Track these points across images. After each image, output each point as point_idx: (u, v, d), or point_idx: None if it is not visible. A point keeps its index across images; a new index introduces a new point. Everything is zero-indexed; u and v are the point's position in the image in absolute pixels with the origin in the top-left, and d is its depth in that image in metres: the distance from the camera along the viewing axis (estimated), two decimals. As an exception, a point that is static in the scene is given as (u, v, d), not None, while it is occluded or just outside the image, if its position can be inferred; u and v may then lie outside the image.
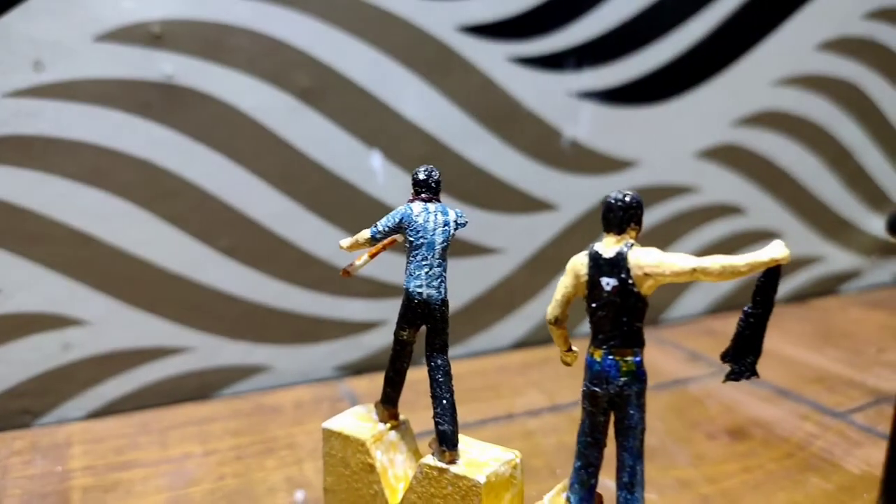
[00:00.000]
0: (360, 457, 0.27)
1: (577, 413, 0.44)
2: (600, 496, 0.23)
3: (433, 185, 0.26)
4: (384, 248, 0.28)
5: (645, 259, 0.20)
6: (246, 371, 0.47)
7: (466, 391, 0.47)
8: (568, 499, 0.23)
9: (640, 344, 0.21)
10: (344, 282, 0.48)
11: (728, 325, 0.59)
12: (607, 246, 0.21)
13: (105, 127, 0.42)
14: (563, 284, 0.22)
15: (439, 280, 0.25)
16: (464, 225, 0.26)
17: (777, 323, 0.60)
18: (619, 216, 0.21)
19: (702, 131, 0.59)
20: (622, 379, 0.21)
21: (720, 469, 0.37)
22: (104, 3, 0.41)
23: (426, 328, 0.26)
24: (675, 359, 0.52)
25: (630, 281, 0.21)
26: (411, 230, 0.25)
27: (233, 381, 0.47)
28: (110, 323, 0.44)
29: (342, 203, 0.48)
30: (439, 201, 0.26)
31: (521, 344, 0.54)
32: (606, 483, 0.24)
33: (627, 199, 0.21)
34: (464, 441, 0.27)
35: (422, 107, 0.49)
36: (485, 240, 0.53)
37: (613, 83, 0.55)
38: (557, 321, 0.23)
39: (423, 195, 0.26)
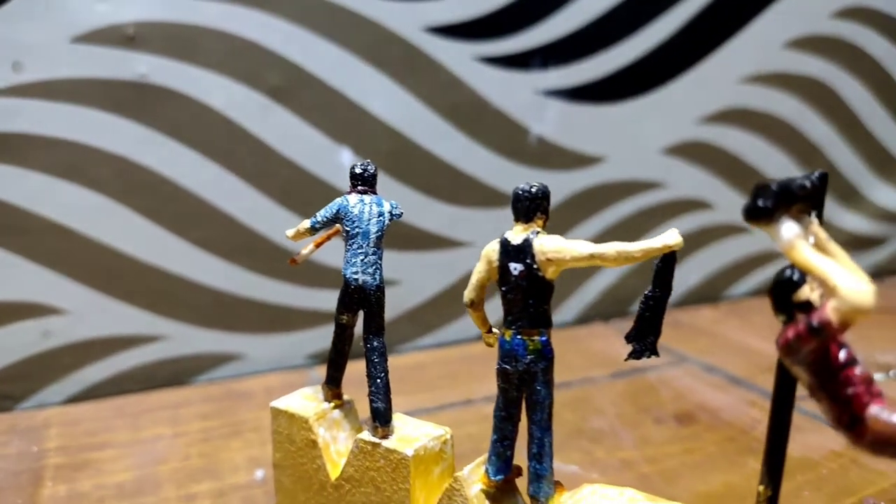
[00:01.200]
0: (303, 433, 0.29)
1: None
2: (518, 468, 0.25)
3: (369, 178, 0.28)
4: (328, 238, 0.30)
5: (548, 245, 0.22)
6: (219, 359, 0.49)
7: (429, 379, 0.48)
8: (486, 470, 0.25)
9: (546, 324, 0.23)
10: (315, 273, 0.50)
11: (694, 318, 0.61)
12: (516, 234, 0.23)
13: (82, 124, 0.44)
14: (477, 270, 0.24)
15: (374, 267, 0.27)
16: (399, 216, 0.28)
17: (743, 315, 0.62)
18: (526, 206, 0.23)
19: (668, 128, 0.60)
20: (529, 357, 0.23)
21: (662, 451, 0.38)
22: (80, 6, 0.43)
23: (363, 312, 0.28)
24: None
25: (535, 266, 0.22)
26: (347, 220, 0.27)
27: (206, 369, 0.48)
28: (88, 312, 0.46)
29: (312, 197, 0.49)
30: (375, 193, 0.28)
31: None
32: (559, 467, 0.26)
33: (534, 190, 0.23)
34: (400, 419, 0.29)
35: (389, 104, 0.51)
36: (453, 234, 0.54)
37: (580, 81, 0.56)
38: (473, 304, 0.24)
39: (359, 188, 0.28)
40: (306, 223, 0.28)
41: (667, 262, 0.23)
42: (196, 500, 0.34)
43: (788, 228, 0.17)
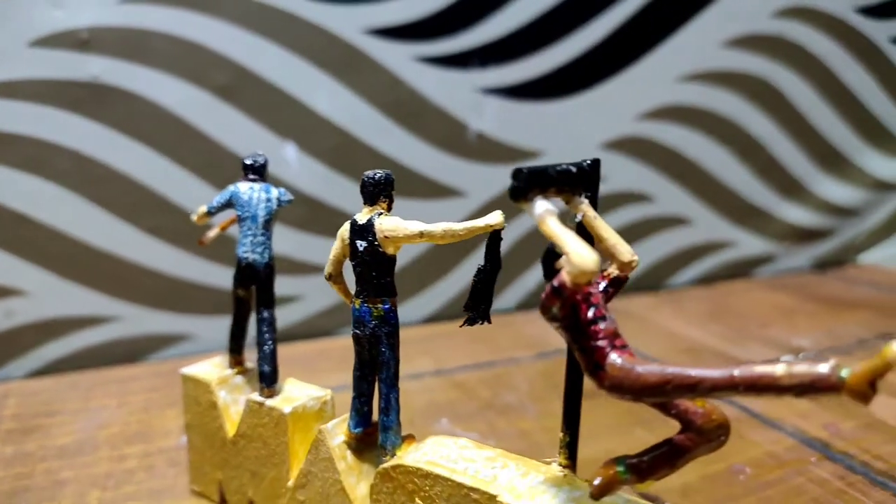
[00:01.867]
0: (207, 396, 0.33)
1: (459, 378, 0.49)
2: (377, 423, 0.28)
3: (259, 168, 0.31)
4: (231, 222, 0.33)
5: (386, 225, 0.25)
6: (169, 339, 0.53)
7: (348, 364, 0.52)
8: (348, 424, 0.28)
9: (389, 294, 0.26)
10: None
11: (630, 305, 0.64)
12: (363, 215, 0.26)
13: (40, 122, 0.48)
14: (334, 247, 0.27)
15: (262, 247, 0.31)
16: (288, 202, 0.31)
17: (677, 302, 0.65)
18: (371, 191, 0.26)
19: (607, 124, 0.63)
20: (374, 322, 0.26)
21: (560, 422, 0.42)
22: (37, 13, 0.46)
23: (255, 287, 0.31)
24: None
25: (376, 243, 0.25)
26: (238, 205, 0.31)
27: (157, 348, 0.52)
28: (48, 294, 0.50)
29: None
30: (265, 181, 0.31)
31: (431, 319, 0.60)
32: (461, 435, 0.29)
33: (377, 176, 0.26)
34: (291, 383, 0.32)
35: (332, 102, 0.54)
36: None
37: (518, 80, 0.59)
38: (331, 277, 0.28)
39: (250, 177, 0.31)
40: (204, 208, 0.31)
41: (492, 239, 0.26)
42: (126, 459, 0.38)
43: (539, 206, 0.20)
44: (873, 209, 0.77)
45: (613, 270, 0.22)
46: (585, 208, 0.22)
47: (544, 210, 0.20)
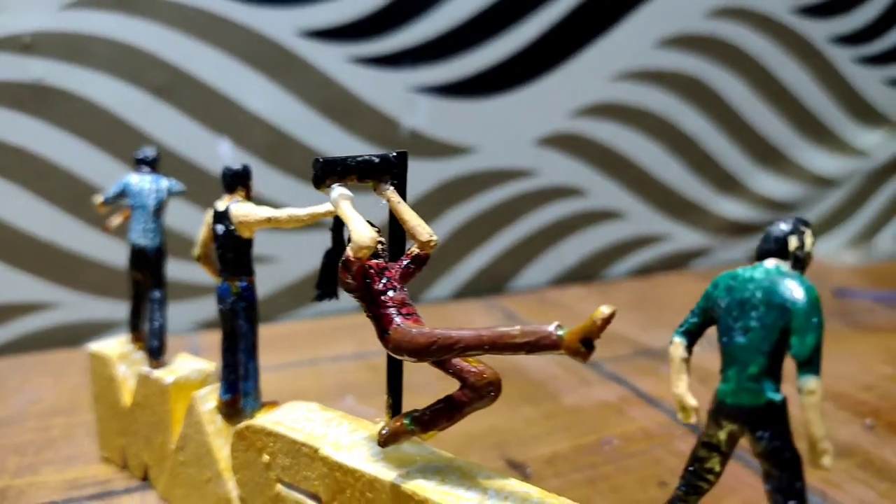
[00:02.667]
0: (108, 370, 0.36)
1: (376, 361, 0.52)
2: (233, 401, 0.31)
3: (150, 161, 0.34)
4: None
5: (239, 211, 0.28)
6: (111, 325, 0.56)
7: (293, 344, 0.55)
8: (219, 392, 0.31)
9: (246, 273, 0.29)
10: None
11: (561, 295, 0.67)
12: (223, 203, 0.29)
13: (-14, 120, 0.51)
14: (201, 231, 0.30)
15: (153, 234, 0.34)
16: (179, 192, 0.35)
17: (608, 293, 0.68)
18: (229, 181, 0.29)
19: (539, 121, 0.66)
20: (232, 298, 0.29)
21: (456, 399, 0.44)
22: (-19, 18, 0.50)
23: (147, 270, 0.34)
24: (495, 320, 0.60)
25: (232, 227, 0.28)
26: (130, 195, 0.34)
27: (99, 333, 0.56)
28: (-5, 281, 0.53)
29: (195, 183, 0.56)
30: (156, 173, 0.34)
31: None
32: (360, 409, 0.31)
33: (234, 168, 0.29)
34: (182, 358, 0.35)
35: (265, 101, 0.57)
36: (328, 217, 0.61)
37: (451, 78, 0.62)
38: (200, 258, 0.31)
39: (142, 169, 0.34)
40: (99, 197, 0.35)
41: (337, 224, 0.29)
42: (50, 430, 0.41)
43: (335, 191, 0.23)
44: (812, 204, 0.79)
45: (415, 249, 0.25)
46: (390, 194, 0.25)
47: (338, 195, 0.23)
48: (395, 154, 0.25)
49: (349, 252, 0.22)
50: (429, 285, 0.65)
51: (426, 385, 0.35)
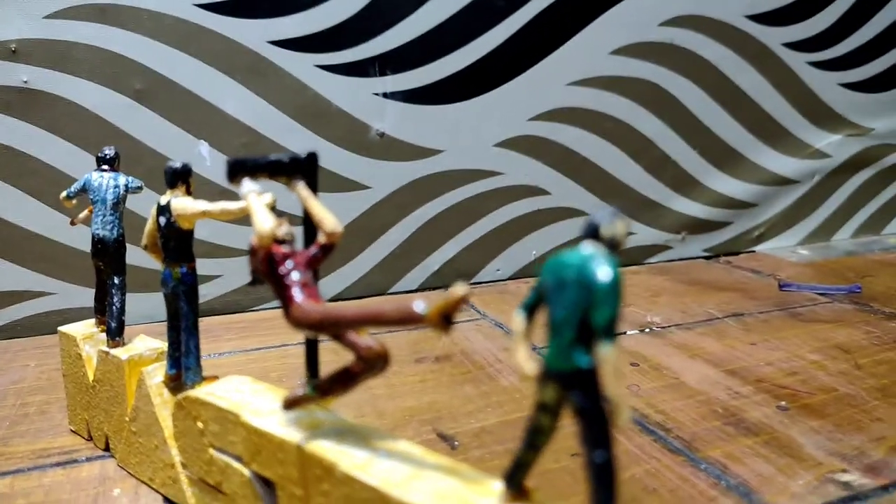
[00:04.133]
0: (74, 349, 0.40)
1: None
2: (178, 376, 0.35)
3: (109, 160, 0.38)
4: (97, 206, 0.40)
5: (177, 204, 0.32)
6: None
7: (268, 329, 0.59)
8: (165, 368, 0.35)
9: (186, 260, 0.33)
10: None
11: (520, 288, 0.70)
12: (165, 197, 0.33)
13: (-22, 122, 0.55)
14: (148, 223, 0.34)
15: (111, 226, 0.37)
16: (136, 188, 0.38)
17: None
18: (170, 178, 0.33)
19: (504, 125, 0.69)
20: (174, 282, 0.32)
21: (403, 380, 0.48)
22: (-27, 27, 0.54)
23: (109, 259, 0.38)
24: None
25: (172, 219, 0.32)
26: (91, 191, 0.37)
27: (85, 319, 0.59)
28: (-13, 272, 0.57)
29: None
30: (115, 171, 0.38)
31: (334, 299, 0.66)
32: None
33: (175, 166, 0.32)
34: (141, 339, 0.39)
35: (241, 105, 0.61)
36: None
37: (419, 85, 0.66)
38: (147, 247, 0.34)
39: (102, 167, 0.38)
40: (64, 193, 0.38)
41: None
42: (26, 406, 0.45)
43: (244, 186, 0.26)
44: (771, 202, 0.81)
45: (323, 239, 0.28)
46: (300, 190, 0.28)
47: (247, 189, 0.27)
48: (305, 155, 0.28)
49: (252, 240, 0.26)
50: (398, 278, 0.69)
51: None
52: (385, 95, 0.64)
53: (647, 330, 0.57)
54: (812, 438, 0.39)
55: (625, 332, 0.56)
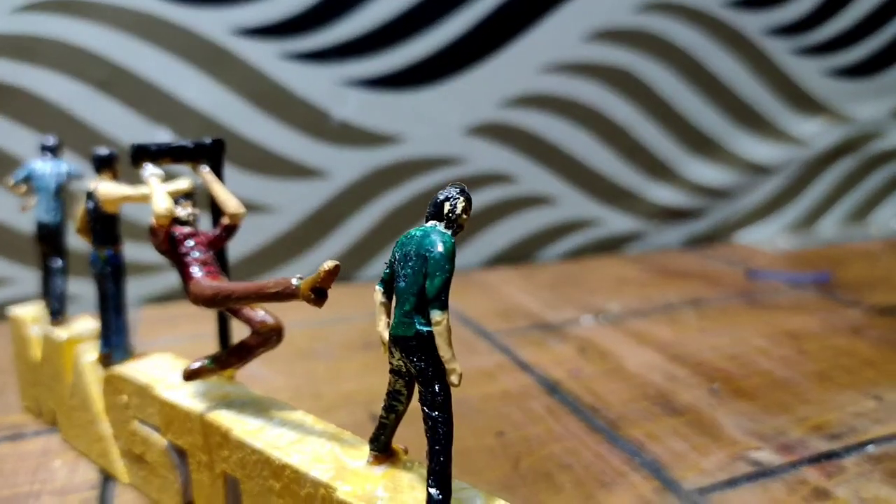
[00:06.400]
0: (23, 330, 0.41)
1: (296, 331, 0.57)
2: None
3: (52, 148, 0.39)
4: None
5: (102, 190, 0.33)
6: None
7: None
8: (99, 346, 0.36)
9: (112, 242, 0.34)
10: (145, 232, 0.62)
11: (486, 276, 0.71)
12: (93, 183, 0.34)
13: (-55, 112, 0.57)
14: (79, 208, 0.35)
15: (55, 212, 0.39)
16: (78, 176, 0.40)
17: (530, 276, 0.72)
18: (97, 164, 0.34)
19: (468, 111, 0.70)
20: (100, 264, 0.34)
21: (348, 365, 0.49)
22: (-61, 20, 0.55)
23: (52, 244, 0.39)
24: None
25: (98, 204, 0.33)
26: (34, 178, 0.39)
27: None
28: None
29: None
30: (59, 159, 0.39)
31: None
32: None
33: (101, 153, 0.34)
34: (84, 319, 0.40)
35: (202, 94, 0.62)
36: (264, 200, 0.66)
37: (380, 71, 0.67)
38: (79, 230, 0.36)
39: (45, 155, 0.39)
40: (10, 179, 0.40)
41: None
42: (-16, 387, 0.47)
43: (145, 170, 0.28)
44: (749, 190, 0.82)
45: (226, 220, 0.29)
46: (205, 174, 0.29)
47: (148, 173, 0.28)
48: (210, 140, 0.30)
49: (152, 221, 0.27)
50: (358, 267, 0.70)
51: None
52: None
53: (602, 317, 0.58)
54: (735, 419, 0.40)
55: (578, 320, 0.57)
